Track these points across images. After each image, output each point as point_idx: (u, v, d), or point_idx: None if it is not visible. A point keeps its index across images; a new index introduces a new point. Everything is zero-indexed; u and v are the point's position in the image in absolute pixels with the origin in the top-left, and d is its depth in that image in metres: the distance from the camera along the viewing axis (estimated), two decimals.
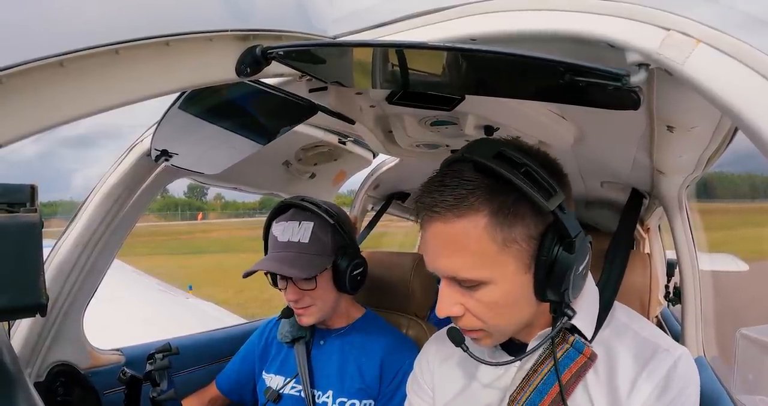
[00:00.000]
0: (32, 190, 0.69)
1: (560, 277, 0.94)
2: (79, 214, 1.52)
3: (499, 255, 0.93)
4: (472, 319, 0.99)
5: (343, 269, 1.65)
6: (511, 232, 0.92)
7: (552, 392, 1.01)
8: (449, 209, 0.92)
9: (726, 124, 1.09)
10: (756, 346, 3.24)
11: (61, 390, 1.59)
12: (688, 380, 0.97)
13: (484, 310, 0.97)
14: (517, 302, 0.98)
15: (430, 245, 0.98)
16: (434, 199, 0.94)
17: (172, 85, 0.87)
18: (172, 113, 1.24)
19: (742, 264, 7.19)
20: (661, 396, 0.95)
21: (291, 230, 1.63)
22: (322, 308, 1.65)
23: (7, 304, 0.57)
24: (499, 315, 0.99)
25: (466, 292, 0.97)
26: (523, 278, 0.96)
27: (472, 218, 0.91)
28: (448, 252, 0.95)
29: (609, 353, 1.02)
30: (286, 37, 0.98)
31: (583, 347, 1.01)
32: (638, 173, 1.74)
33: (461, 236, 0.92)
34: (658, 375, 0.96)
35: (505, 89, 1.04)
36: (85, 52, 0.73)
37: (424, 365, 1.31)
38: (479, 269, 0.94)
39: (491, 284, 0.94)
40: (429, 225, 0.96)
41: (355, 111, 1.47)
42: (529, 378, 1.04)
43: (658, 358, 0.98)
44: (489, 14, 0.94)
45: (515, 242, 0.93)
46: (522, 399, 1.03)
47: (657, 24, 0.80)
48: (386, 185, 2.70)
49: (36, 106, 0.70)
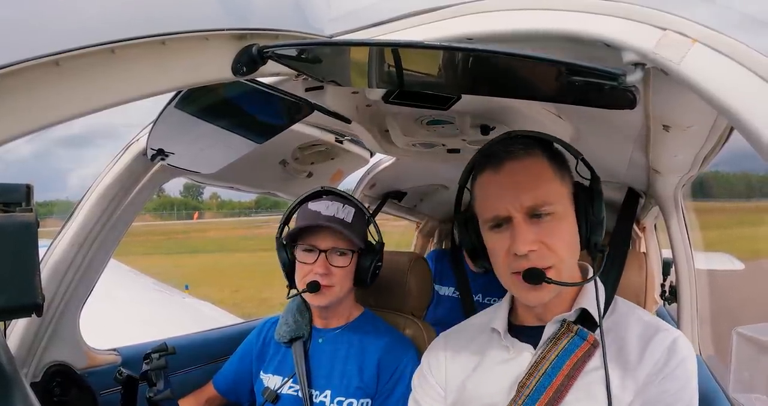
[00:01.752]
0: (28, 189, 0.69)
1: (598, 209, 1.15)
2: (74, 213, 1.52)
3: (561, 188, 1.13)
4: (545, 252, 1.09)
5: (368, 262, 1.69)
6: (563, 173, 1.14)
7: (560, 375, 1.09)
8: (520, 149, 1.12)
9: (722, 123, 1.10)
10: (752, 344, 3.25)
11: (57, 390, 1.58)
12: (687, 354, 1.07)
13: (556, 240, 1.09)
14: (573, 237, 1.13)
15: (505, 183, 1.12)
16: (504, 146, 1.15)
17: (168, 84, 0.86)
18: (168, 112, 1.24)
19: (738, 263, 7.20)
20: (665, 366, 1.05)
21: (336, 208, 1.67)
22: (339, 292, 1.66)
23: (2, 304, 0.57)
24: (566, 246, 1.11)
25: (539, 226, 1.09)
26: (572, 215, 1.14)
27: (539, 157, 1.13)
28: (526, 185, 1.10)
29: (617, 335, 1.13)
30: (283, 37, 0.98)
31: (587, 334, 1.11)
32: (634, 172, 1.74)
33: (535, 167, 1.12)
34: (661, 349, 1.07)
35: (501, 89, 1.04)
36: (81, 51, 0.73)
37: (433, 362, 1.34)
38: (554, 197, 1.10)
39: (559, 214, 1.10)
40: (502, 166, 1.13)
41: (351, 110, 1.47)
42: (537, 365, 1.12)
43: (660, 335, 1.09)
44: (485, 14, 0.94)
45: (566, 182, 1.14)
46: (531, 384, 1.10)
47: (653, 24, 0.80)
48: (382, 184, 2.70)
49: (31, 105, 0.70)
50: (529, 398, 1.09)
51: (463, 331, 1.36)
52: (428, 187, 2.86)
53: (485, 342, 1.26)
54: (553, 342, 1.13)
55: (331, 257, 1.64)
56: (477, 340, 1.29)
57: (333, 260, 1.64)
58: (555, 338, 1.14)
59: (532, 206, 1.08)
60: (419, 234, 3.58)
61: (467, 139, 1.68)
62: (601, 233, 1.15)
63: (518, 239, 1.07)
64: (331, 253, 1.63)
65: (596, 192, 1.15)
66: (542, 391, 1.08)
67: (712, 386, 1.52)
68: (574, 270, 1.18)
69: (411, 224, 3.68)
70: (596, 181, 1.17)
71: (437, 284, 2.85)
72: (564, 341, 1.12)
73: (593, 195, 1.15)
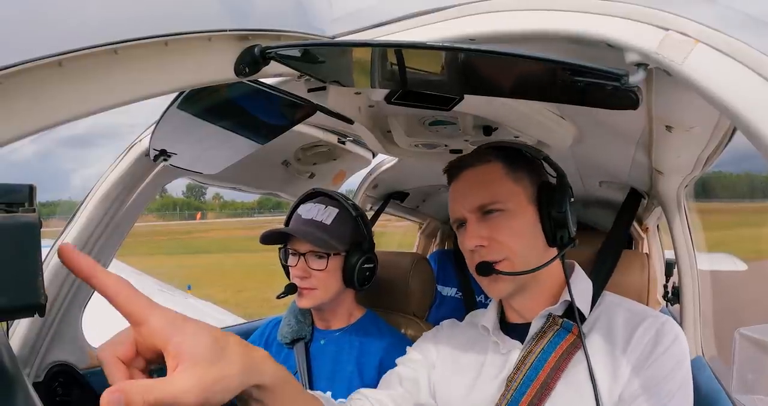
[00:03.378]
0: (31, 190, 0.69)
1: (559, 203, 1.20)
2: (77, 214, 1.52)
3: (514, 187, 1.21)
4: (495, 246, 1.18)
5: (354, 263, 1.67)
6: (519, 175, 1.22)
7: (546, 368, 1.12)
8: (475, 159, 1.26)
9: (724, 124, 1.10)
10: (754, 345, 3.24)
11: (60, 390, 1.59)
12: (675, 336, 1.10)
13: (506, 235, 1.17)
14: (531, 233, 1.20)
15: (461, 189, 1.25)
16: (462, 159, 1.28)
17: (171, 84, 0.86)
18: (171, 113, 1.24)
19: (741, 264, 7.20)
20: (654, 349, 1.07)
21: (316, 211, 1.69)
22: (323, 295, 1.66)
23: (5, 304, 0.57)
24: (518, 240, 1.18)
25: (489, 223, 1.19)
26: (531, 213, 1.21)
27: (492, 164, 1.23)
28: (477, 188, 1.21)
29: (603, 324, 1.17)
30: (285, 37, 0.98)
31: (572, 326, 1.16)
32: (637, 173, 1.74)
33: (485, 174, 1.23)
34: (650, 333, 1.10)
35: (503, 89, 1.04)
36: (84, 51, 0.73)
37: (429, 336, 1.41)
38: (504, 196, 1.19)
39: (510, 211, 1.19)
40: (460, 175, 1.26)
41: (353, 111, 1.47)
42: (524, 359, 1.15)
43: (648, 321, 1.13)
44: (488, 14, 0.94)
45: (522, 180, 1.22)
46: (518, 378, 1.13)
47: (656, 24, 0.80)
48: (385, 185, 2.70)
49: (34, 105, 0.70)
50: (516, 392, 1.12)
51: (455, 327, 1.41)
52: (431, 187, 2.86)
53: (474, 338, 1.31)
54: (540, 336, 1.18)
55: (310, 260, 1.64)
56: (466, 335, 1.34)
57: (311, 263, 1.64)
58: (541, 332, 1.18)
59: (481, 205, 1.19)
60: (422, 235, 3.58)
61: (470, 140, 1.68)
62: (567, 227, 1.20)
63: (466, 235, 1.20)
64: (309, 256, 1.64)
65: (560, 188, 1.22)
66: (529, 384, 1.11)
67: (715, 386, 1.52)
68: (537, 263, 1.20)
69: (413, 225, 3.69)
70: (561, 177, 1.24)
71: (440, 285, 2.85)
72: (550, 334, 1.17)
73: (556, 191, 1.22)
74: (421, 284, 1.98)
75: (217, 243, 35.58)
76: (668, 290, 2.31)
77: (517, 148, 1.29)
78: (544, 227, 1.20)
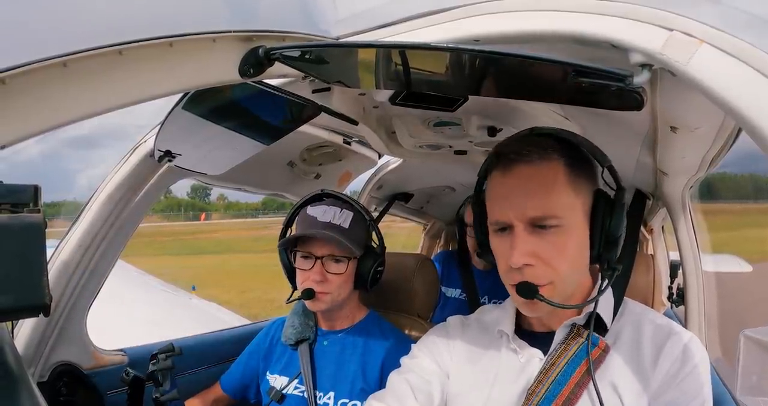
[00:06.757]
0: (36, 190, 0.69)
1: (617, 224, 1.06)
2: (82, 214, 1.53)
3: (574, 200, 1.04)
4: (542, 269, 1.03)
5: (369, 267, 1.68)
6: (580, 183, 1.05)
7: (570, 384, 1.05)
8: (535, 152, 1.04)
9: (729, 124, 1.09)
10: (760, 347, 3.23)
11: (64, 390, 1.59)
12: (701, 357, 1.04)
13: (555, 255, 1.03)
14: (580, 252, 1.07)
15: (513, 189, 1.05)
16: (519, 147, 1.05)
17: (175, 85, 0.87)
18: (176, 114, 1.24)
19: (746, 265, 7.17)
20: (680, 370, 1.02)
21: (333, 213, 1.65)
22: (336, 298, 1.66)
23: (10, 304, 0.57)
24: (568, 262, 1.04)
25: (541, 239, 1.03)
26: (584, 229, 1.06)
27: (555, 163, 1.04)
28: (534, 193, 1.03)
29: (630, 337, 1.10)
30: (290, 38, 0.98)
31: (597, 340, 1.07)
32: (642, 174, 1.74)
33: (545, 176, 1.03)
34: (675, 352, 1.04)
35: (508, 90, 1.04)
36: (89, 52, 0.73)
37: (432, 347, 1.28)
38: (563, 210, 1.02)
39: (565, 227, 1.03)
40: (513, 168, 1.05)
41: (358, 112, 1.47)
42: (546, 372, 1.08)
43: (673, 339, 1.05)
44: (492, 15, 0.94)
45: (582, 192, 1.06)
46: (541, 392, 1.07)
47: (660, 24, 0.80)
48: (389, 186, 2.70)
49: (39, 106, 0.70)
50: None
51: (466, 328, 1.30)
52: (435, 188, 2.86)
53: (488, 343, 1.22)
54: (563, 348, 1.09)
55: (327, 264, 1.63)
56: (480, 341, 1.24)
57: (329, 267, 1.63)
58: (564, 344, 1.10)
59: (536, 217, 1.02)
60: (426, 236, 3.58)
61: (474, 141, 1.68)
62: (616, 250, 1.08)
63: (515, 250, 1.02)
64: (327, 260, 1.63)
65: (618, 205, 1.07)
66: (552, 399, 1.05)
67: (720, 389, 1.51)
68: (578, 285, 1.13)
69: (417, 226, 3.69)
70: (621, 192, 1.09)
71: (444, 286, 2.85)
72: (574, 346, 1.08)
73: (614, 208, 1.07)
74: (426, 285, 1.98)
75: (221, 244, 35.63)
76: (673, 292, 2.30)
77: (583, 146, 1.10)
78: (593, 246, 1.08)
